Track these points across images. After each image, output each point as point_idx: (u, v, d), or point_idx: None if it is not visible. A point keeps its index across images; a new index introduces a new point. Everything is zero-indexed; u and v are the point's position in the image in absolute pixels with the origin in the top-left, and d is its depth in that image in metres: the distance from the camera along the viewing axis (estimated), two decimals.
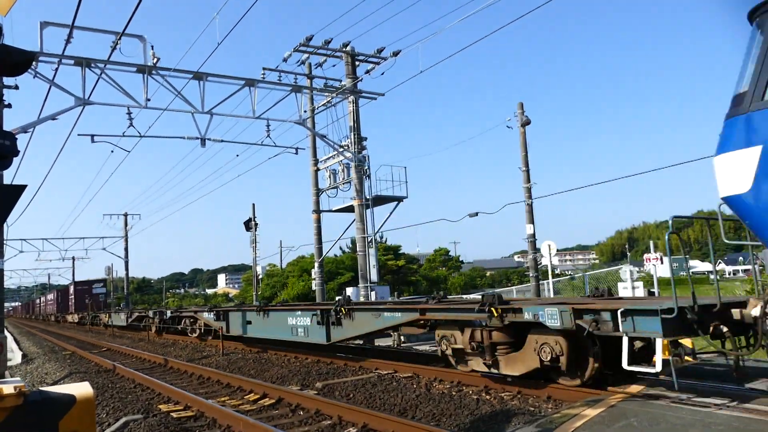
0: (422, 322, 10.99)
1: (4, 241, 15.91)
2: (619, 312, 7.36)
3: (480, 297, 9.82)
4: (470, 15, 13.10)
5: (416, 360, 13.18)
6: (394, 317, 11.49)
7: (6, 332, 17.00)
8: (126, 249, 50.77)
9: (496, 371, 9.42)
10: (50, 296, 72.12)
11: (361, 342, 17.28)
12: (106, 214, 49.59)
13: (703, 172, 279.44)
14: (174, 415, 9.28)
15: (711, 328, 7.33)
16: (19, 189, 4.26)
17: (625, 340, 7.27)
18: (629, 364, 7.19)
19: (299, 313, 14.46)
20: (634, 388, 8.39)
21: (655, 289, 21.63)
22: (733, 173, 6.07)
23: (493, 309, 9.01)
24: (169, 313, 24.93)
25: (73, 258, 66.14)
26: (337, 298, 13.32)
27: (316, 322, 13.53)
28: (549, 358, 8.42)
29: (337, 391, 10.40)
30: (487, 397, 9.14)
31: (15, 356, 23.29)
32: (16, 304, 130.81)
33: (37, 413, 3.65)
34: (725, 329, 7.33)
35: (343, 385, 10.91)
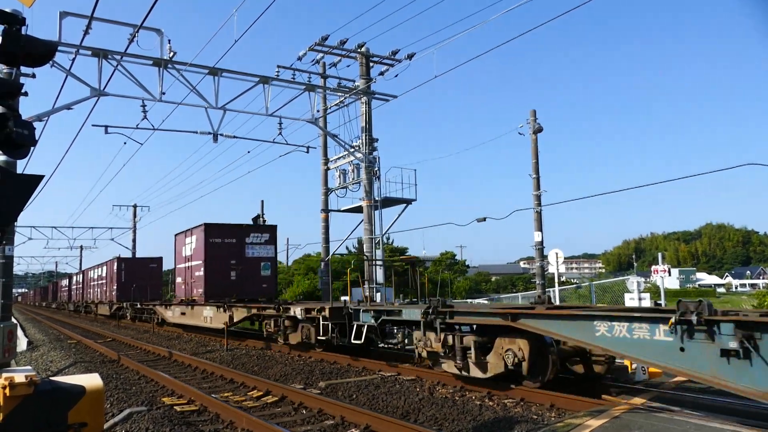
0: None
1: (15, 227, 16.04)
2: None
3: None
4: (487, 21, 13.08)
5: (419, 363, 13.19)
6: None
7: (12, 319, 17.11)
8: (134, 240, 51.00)
9: None
10: (98, 271, 40.87)
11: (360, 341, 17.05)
12: (115, 204, 49.76)
13: (711, 183, 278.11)
14: (177, 408, 9.32)
15: None
16: (36, 179, 4.29)
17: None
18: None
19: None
20: (638, 400, 8.37)
21: (662, 301, 21.51)
22: None
23: None
24: None
25: (81, 247, 66.54)
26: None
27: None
28: None
29: (340, 391, 10.41)
30: (490, 403, 9.13)
31: (21, 343, 23.45)
32: (23, 290, 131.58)
33: (46, 403, 3.69)
34: None
35: (346, 385, 10.92)
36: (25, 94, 4.41)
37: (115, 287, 34.51)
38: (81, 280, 48.70)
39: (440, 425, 7.92)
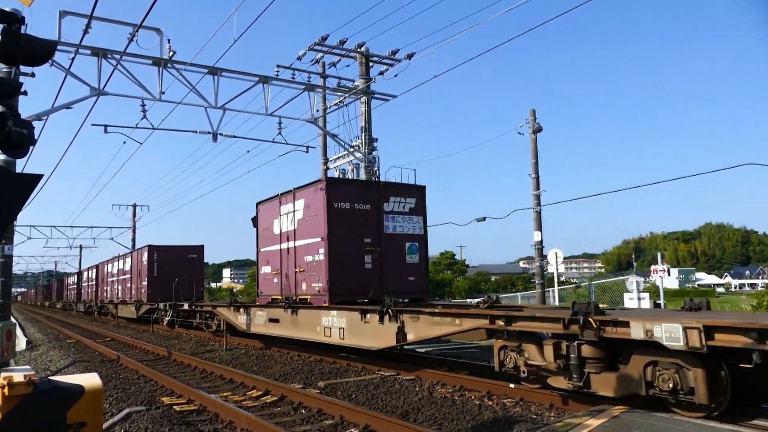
0: None
1: (14, 227, 16.04)
2: None
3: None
4: (486, 21, 13.08)
5: (419, 363, 13.18)
6: None
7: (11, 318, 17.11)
8: (133, 240, 50.91)
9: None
10: (119, 264, 33.67)
11: None
12: (115, 204, 49.74)
13: (711, 183, 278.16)
14: (176, 408, 9.32)
15: None
16: (35, 178, 4.28)
17: None
18: None
19: None
20: (637, 399, 8.36)
21: (662, 301, 21.52)
22: None
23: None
24: None
25: (81, 246, 66.51)
26: None
27: None
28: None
29: (339, 391, 10.41)
30: (490, 402, 9.12)
31: (20, 343, 23.44)
32: (22, 289, 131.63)
33: (45, 402, 3.68)
34: None
35: (345, 385, 10.92)
36: (25, 93, 4.41)
37: (145, 283, 27.29)
38: (94, 276, 40.59)
39: (440, 425, 7.92)
